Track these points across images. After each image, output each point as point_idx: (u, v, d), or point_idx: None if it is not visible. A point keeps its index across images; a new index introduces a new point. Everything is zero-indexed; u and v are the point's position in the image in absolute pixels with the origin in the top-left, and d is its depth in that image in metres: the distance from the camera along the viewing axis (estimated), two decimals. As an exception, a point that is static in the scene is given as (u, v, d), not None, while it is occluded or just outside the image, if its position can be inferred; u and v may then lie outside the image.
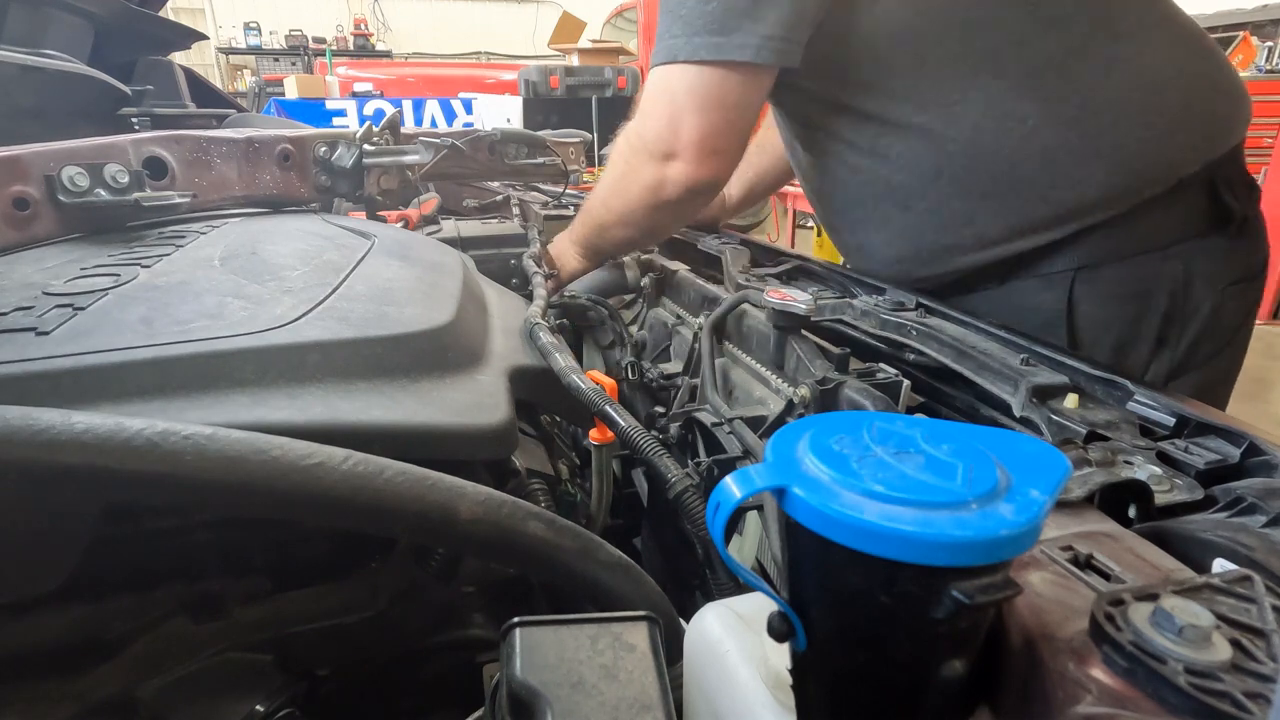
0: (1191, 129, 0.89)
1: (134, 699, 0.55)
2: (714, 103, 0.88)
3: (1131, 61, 0.88)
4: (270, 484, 0.41)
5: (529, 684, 0.35)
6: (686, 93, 0.88)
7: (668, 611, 0.53)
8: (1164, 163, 0.87)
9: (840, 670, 0.33)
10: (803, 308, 0.81)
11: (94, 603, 0.55)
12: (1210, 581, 0.31)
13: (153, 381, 0.52)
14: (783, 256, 1.18)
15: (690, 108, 0.89)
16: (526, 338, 0.87)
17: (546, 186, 1.90)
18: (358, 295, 0.71)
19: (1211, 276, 0.88)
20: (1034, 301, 0.91)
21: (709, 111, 0.89)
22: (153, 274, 0.70)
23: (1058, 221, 0.88)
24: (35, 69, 1.21)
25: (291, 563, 0.64)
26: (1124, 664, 0.27)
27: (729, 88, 0.87)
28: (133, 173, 0.89)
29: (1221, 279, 0.89)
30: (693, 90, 0.88)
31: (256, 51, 10.88)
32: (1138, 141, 0.86)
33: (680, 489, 0.67)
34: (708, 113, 0.89)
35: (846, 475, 0.29)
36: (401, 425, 0.57)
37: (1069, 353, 0.70)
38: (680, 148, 0.91)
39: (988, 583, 0.27)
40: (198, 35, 2.06)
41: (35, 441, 0.36)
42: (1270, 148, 5.08)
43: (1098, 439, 0.56)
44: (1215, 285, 0.89)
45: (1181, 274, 0.87)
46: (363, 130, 1.29)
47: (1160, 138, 0.87)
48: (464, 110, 6.07)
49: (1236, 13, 8.55)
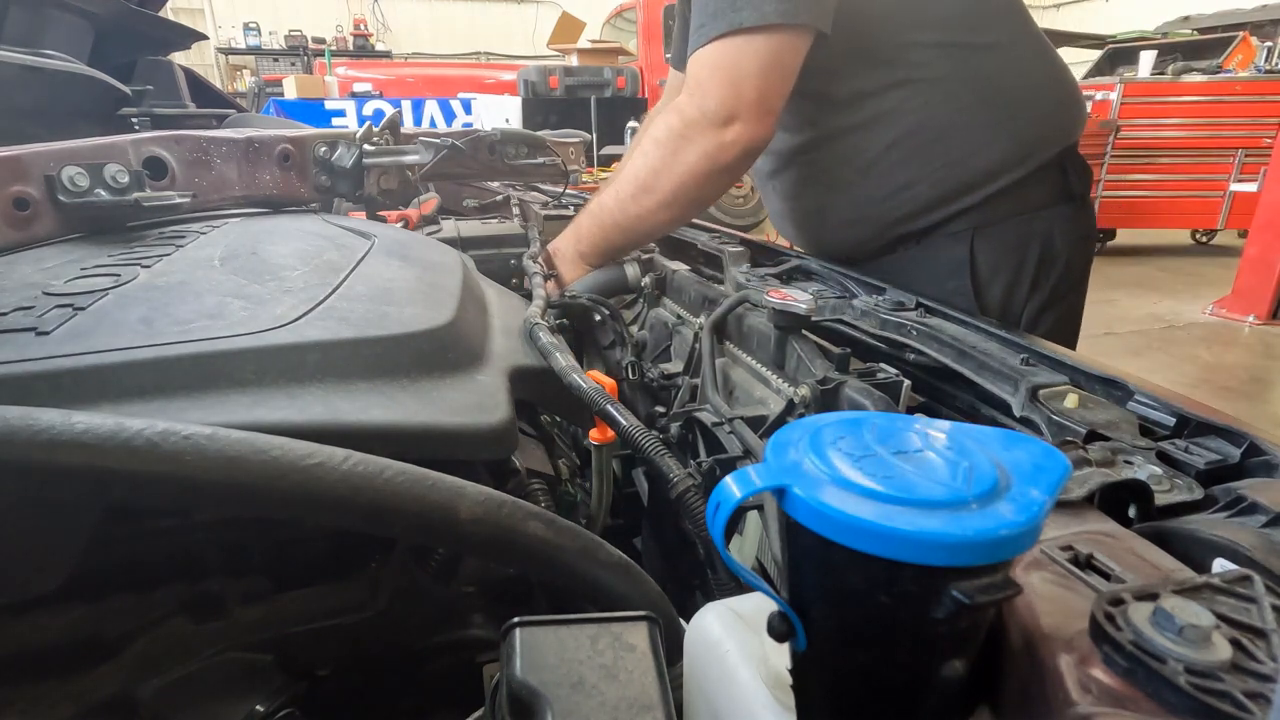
0: (1057, 121, 1.15)
1: (134, 699, 0.55)
2: (774, 64, 0.98)
3: (1022, 62, 1.14)
4: (270, 484, 0.41)
5: (529, 684, 0.35)
6: (752, 56, 0.97)
7: (668, 611, 0.53)
8: (1041, 143, 1.12)
9: (840, 670, 0.33)
10: (803, 308, 0.81)
11: (94, 603, 0.55)
12: (1210, 581, 0.31)
13: (153, 381, 0.52)
14: (783, 256, 1.18)
15: (753, 71, 0.98)
16: (526, 338, 0.87)
17: (546, 186, 1.90)
18: (358, 295, 0.71)
19: (1066, 235, 1.14)
20: (945, 255, 1.14)
21: (769, 73, 0.98)
22: (153, 274, 0.70)
23: (969, 189, 1.11)
24: (35, 69, 1.21)
25: (291, 563, 0.64)
26: (1124, 664, 0.27)
27: (787, 49, 0.98)
28: (133, 173, 0.89)
29: (1072, 236, 1.15)
30: (758, 53, 0.97)
31: (256, 52, 10.88)
32: (1027, 125, 1.11)
33: (682, 488, 0.67)
34: (768, 75, 0.98)
35: (847, 475, 0.29)
36: (401, 425, 0.57)
37: (1069, 353, 0.70)
38: (741, 109, 0.99)
39: (988, 583, 0.27)
40: (197, 35, 2.06)
41: (35, 441, 0.36)
42: (1270, 148, 5.08)
43: (1098, 439, 0.56)
44: (1068, 241, 1.14)
45: (1047, 232, 1.13)
46: (363, 130, 1.29)
47: (1040, 123, 1.13)
48: (463, 110, 6.07)
49: (1236, 13, 8.56)
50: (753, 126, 1.00)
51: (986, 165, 1.09)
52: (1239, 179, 6.25)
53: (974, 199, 1.10)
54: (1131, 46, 7.37)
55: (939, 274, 1.11)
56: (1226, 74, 6.62)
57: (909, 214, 1.14)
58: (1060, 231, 1.13)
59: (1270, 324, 4.85)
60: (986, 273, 1.12)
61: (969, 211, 1.12)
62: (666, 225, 1.16)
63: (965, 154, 1.10)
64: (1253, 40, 6.96)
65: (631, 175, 1.10)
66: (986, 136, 1.09)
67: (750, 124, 1.00)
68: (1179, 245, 7.35)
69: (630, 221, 1.12)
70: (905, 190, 1.13)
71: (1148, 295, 5.72)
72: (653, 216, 1.11)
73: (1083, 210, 1.17)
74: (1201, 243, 7.37)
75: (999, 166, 1.09)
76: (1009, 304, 1.12)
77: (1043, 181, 1.12)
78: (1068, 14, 13.89)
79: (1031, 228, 1.12)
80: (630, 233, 1.16)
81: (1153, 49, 6.93)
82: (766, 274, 1.09)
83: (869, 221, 1.18)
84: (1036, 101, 1.13)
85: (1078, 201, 1.16)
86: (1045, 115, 1.13)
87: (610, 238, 1.17)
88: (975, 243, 1.12)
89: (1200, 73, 6.67)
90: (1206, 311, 5.21)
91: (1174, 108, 6.47)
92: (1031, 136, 1.11)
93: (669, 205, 1.08)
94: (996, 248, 1.12)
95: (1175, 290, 5.86)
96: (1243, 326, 4.93)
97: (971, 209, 1.11)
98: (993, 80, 1.10)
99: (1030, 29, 1.15)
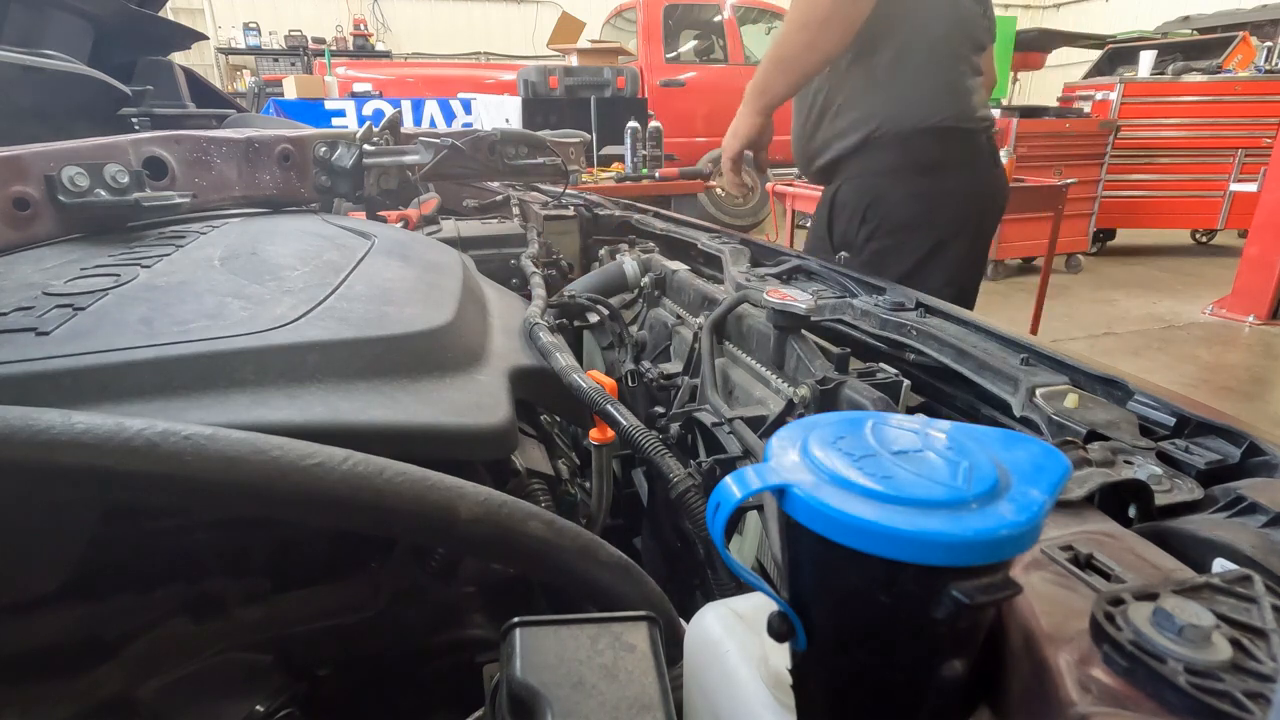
0: (917, 110, 1.48)
1: (134, 699, 0.55)
2: None
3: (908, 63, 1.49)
4: (270, 484, 0.41)
5: (529, 684, 0.35)
6: None
7: (668, 611, 0.53)
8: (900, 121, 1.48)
9: (840, 670, 0.33)
10: (803, 307, 0.81)
11: (94, 603, 0.55)
12: (1210, 581, 0.31)
13: (153, 381, 0.52)
14: (783, 256, 1.18)
15: None
16: (526, 338, 0.87)
17: (546, 186, 1.90)
18: (358, 295, 0.71)
19: (889, 190, 1.50)
20: (827, 199, 1.61)
21: None
22: (153, 274, 0.70)
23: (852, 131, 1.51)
24: (35, 69, 1.21)
25: (291, 563, 0.64)
26: (1124, 664, 0.27)
27: None
28: (133, 173, 0.89)
29: (893, 191, 1.51)
30: None
31: (256, 52, 10.87)
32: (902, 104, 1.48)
33: (683, 488, 0.67)
34: None
35: (847, 475, 0.29)
36: (401, 425, 0.57)
37: (1069, 353, 0.70)
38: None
39: (988, 583, 0.27)
40: (197, 35, 2.06)
41: (35, 442, 0.36)
42: (1270, 148, 5.08)
43: (1098, 439, 0.56)
44: (893, 194, 1.50)
45: (879, 186, 1.50)
46: (363, 130, 1.29)
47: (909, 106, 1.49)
48: (463, 110, 6.06)
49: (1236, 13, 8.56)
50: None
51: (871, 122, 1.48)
52: (1239, 179, 6.24)
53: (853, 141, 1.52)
54: (1131, 46, 7.37)
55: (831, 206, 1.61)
56: (1226, 74, 6.62)
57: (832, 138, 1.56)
58: (887, 186, 1.50)
59: (1270, 324, 4.85)
60: (840, 208, 1.57)
61: (846, 162, 1.54)
62: (808, 52, 1.41)
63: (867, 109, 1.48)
64: (1253, 40, 6.96)
65: (784, 23, 1.44)
66: (879, 100, 1.47)
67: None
68: (1179, 245, 7.35)
69: (779, 51, 1.44)
70: (836, 115, 1.53)
71: (1148, 295, 5.72)
72: (795, 40, 1.40)
73: (928, 176, 1.49)
74: (1201, 243, 7.37)
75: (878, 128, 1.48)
76: (849, 233, 1.56)
77: (885, 150, 1.48)
78: (1068, 14, 13.89)
79: (875, 183, 1.51)
80: (781, 64, 1.45)
81: (1153, 49, 6.93)
82: (766, 274, 1.09)
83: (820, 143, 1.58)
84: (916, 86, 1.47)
85: (922, 165, 1.49)
86: (912, 101, 1.46)
87: (769, 74, 1.47)
88: (842, 186, 1.56)
89: (1200, 73, 6.67)
90: (1206, 311, 5.21)
91: (1174, 108, 6.47)
92: (895, 116, 1.47)
93: (807, 26, 1.37)
94: (851, 191, 1.54)
95: (1175, 290, 5.86)
96: (1243, 326, 4.93)
97: (848, 158, 1.54)
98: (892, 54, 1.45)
99: (920, 41, 1.45)
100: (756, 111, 1.51)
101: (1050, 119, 6.08)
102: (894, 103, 1.44)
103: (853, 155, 1.50)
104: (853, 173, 1.53)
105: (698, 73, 7.47)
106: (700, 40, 7.96)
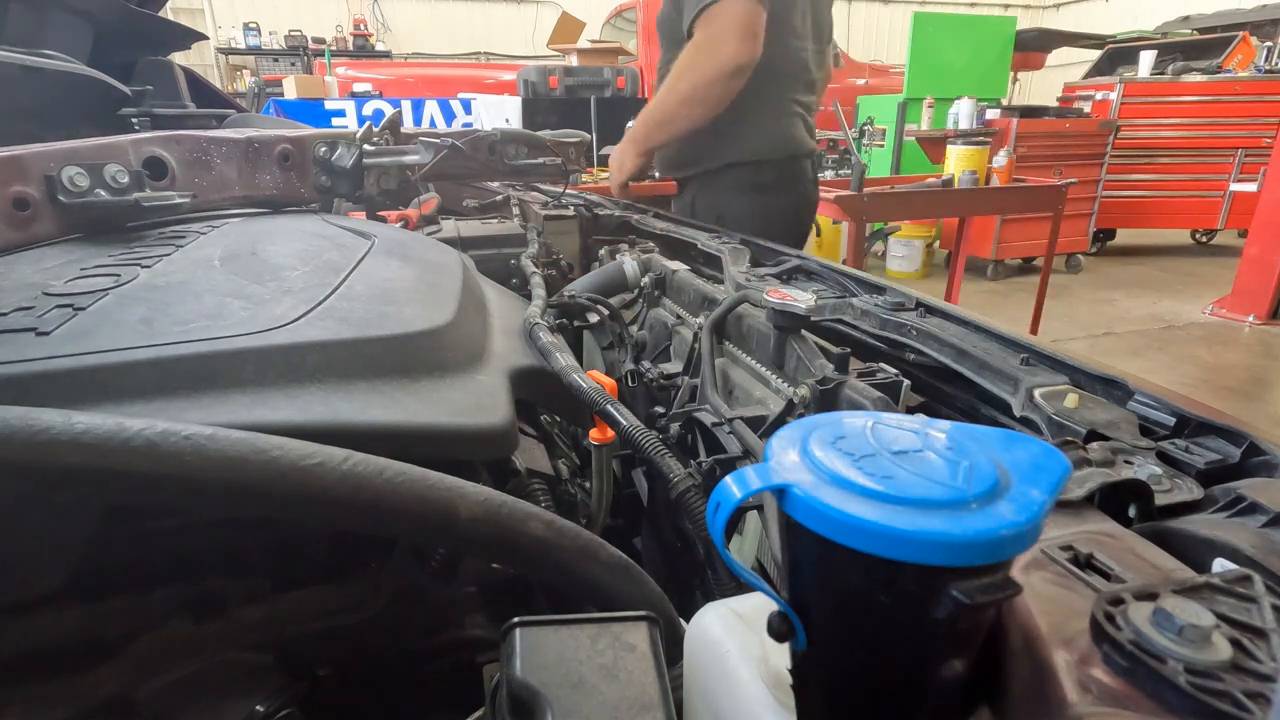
0: (751, 145, 1.95)
1: (134, 699, 0.55)
2: (753, 17, 1.68)
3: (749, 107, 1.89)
4: (270, 484, 0.41)
5: (529, 684, 0.35)
6: (740, 11, 1.67)
7: (668, 611, 0.53)
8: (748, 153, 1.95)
9: (840, 670, 0.33)
10: (803, 307, 0.81)
11: (94, 603, 0.55)
12: (1210, 581, 0.31)
13: (153, 382, 0.52)
14: (783, 256, 1.18)
15: (741, 19, 1.68)
16: (526, 338, 0.87)
17: (546, 186, 1.90)
18: (357, 295, 0.71)
19: (734, 204, 1.95)
20: (688, 201, 2.05)
21: (752, 21, 1.68)
22: (153, 274, 0.70)
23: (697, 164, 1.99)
24: (35, 69, 1.21)
25: (291, 563, 0.64)
26: (1124, 664, 0.27)
27: (755, 12, 1.68)
28: (133, 173, 0.89)
29: (737, 205, 1.95)
30: (744, 9, 1.67)
31: (256, 52, 10.86)
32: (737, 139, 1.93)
33: (683, 488, 0.67)
34: (752, 22, 1.68)
35: (847, 475, 0.29)
36: (401, 425, 0.57)
37: (1069, 353, 0.70)
38: (738, 37, 1.68)
39: (988, 582, 0.27)
40: (197, 35, 2.06)
41: (35, 442, 0.36)
42: (1270, 148, 5.08)
43: (1098, 439, 0.56)
44: (737, 207, 1.94)
45: (727, 200, 1.95)
46: (363, 130, 1.29)
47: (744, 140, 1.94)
48: (463, 110, 6.06)
49: (1236, 12, 8.56)
50: (749, 46, 1.68)
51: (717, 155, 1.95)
52: (1239, 179, 6.25)
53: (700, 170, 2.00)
54: (1131, 46, 7.37)
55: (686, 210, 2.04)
56: (1226, 74, 6.62)
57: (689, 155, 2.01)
58: (732, 199, 1.96)
59: (1270, 324, 4.85)
60: (699, 212, 1.99)
61: (696, 180, 2.02)
62: (686, 120, 1.81)
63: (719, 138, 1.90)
64: (1253, 40, 6.96)
65: (663, 86, 1.81)
66: (723, 139, 1.91)
67: (746, 45, 1.68)
68: (1179, 245, 7.35)
69: (661, 115, 1.83)
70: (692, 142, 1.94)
71: (1148, 295, 5.72)
72: (676, 110, 1.80)
73: (764, 194, 1.97)
74: (1201, 243, 7.37)
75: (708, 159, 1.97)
76: (696, 212, 2.01)
77: (731, 175, 1.95)
78: (1068, 14, 13.89)
79: (722, 196, 1.96)
80: (662, 125, 1.85)
81: (1153, 49, 6.93)
82: (766, 274, 1.09)
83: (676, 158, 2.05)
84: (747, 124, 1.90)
85: (759, 186, 1.97)
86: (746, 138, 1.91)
87: (650, 132, 1.88)
88: (698, 196, 2.03)
89: (1200, 73, 6.67)
90: (1206, 311, 5.21)
91: (1174, 108, 6.47)
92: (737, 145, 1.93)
93: (688, 102, 1.77)
94: (708, 198, 2.00)
95: (1175, 290, 5.86)
96: (1243, 326, 4.93)
97: (699, 177, 2.01)
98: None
99: (758, 91, 1.80)
100: (640, 154, 1.95)
101: (1050, 119, 6.08)
102: (739, 140, 1.91)
103: (706, 176, 1.99)
104: (706, 188, 2.01)
105: (698, 73, 7.46)
106: (700, 40, 7.94)
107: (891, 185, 4.13)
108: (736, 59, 1.68)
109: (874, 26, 13.56)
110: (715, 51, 1.69)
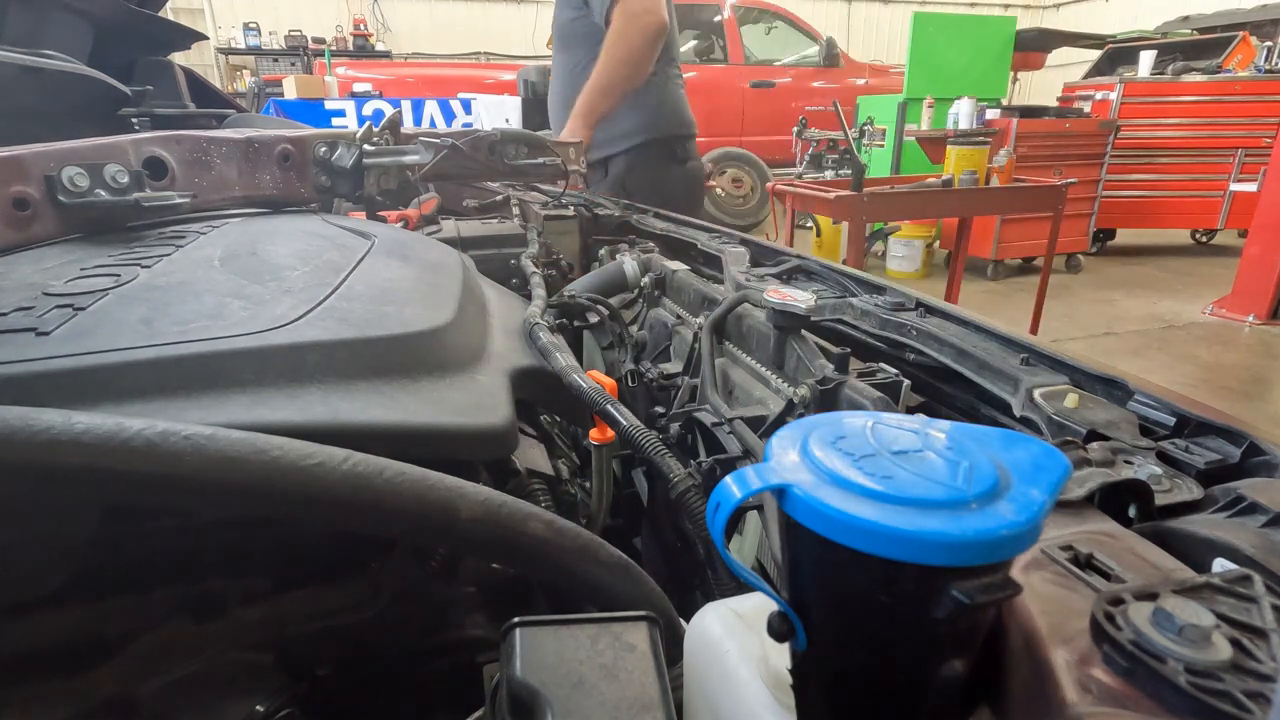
0: (663, 124, 2.39)
1: (134, 699, 0.55)
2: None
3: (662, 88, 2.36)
4: (270, 484, 0.41)
5: (529, 684, 0.35)
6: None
7: (668, 611, 0.53)
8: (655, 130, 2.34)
9: (840, 670, 0.33)
10: (803, 307, 0.81)
11: (94, 603, 0.55)
12: (1210, 581, 0.31)
13: (153, 382, 0.52)
14: (783, 256, 1.18)
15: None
16: (526, 338, 0.87)
17: (546, 186, 1.90)
18: (358, 295, 0.71)
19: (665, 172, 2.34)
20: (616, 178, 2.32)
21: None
22: (153, 274, 0.70)
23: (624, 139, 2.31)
24: (35, 69, 1.21)
25: (291, 563, 0.64)
26: (1124, 664, 0.27)
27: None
28: (133, 173, 0.89)
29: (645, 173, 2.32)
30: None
31: (256, 52, 10.85)
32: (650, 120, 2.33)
33: (683, 488, 0.67)
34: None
35: (847, 475, 0.29)
36: (401, 425, 0.57)
37: (1069, 353, 0.70)
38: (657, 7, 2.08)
39: (988, 582, 0.27)
40: (197, 35, 2.06)
41: (35, 442, 0.36)
42: (1270, 147, 5.08)
43: (1098, 439, 0.56)
44: (647, 175, 2.31)
45: (653, 171, 2.33)
46: (363, 130, 1.29)
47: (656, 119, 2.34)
48: (463, 110, 6.06)
49: (1236, 12, 8.56)
50: (662, 11, 2.07)
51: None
52: (1239, 179, 6.24)
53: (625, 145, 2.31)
54: (1131, 46, 7.36)
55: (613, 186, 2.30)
56: (1226, 74, 6.61)
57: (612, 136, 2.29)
58: (644, 171, 2.32)
59: (1270, 324, 4.85)
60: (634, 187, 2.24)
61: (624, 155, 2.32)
62: (625, 82, 2.11)
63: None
64: (1252, 40, 6.95)
65: (600, 59, 2.09)
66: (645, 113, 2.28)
67: (661, 8, 2.07)
68: (1179, 245, 7.34)
69: (605, 82, 2.08)
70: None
71: (1148, 295, 5.72)
72: (616, 73, 2.09)
73: (679, 164, 2.40)
74: (1201, 243, 7.37)
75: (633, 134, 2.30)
76: (621, 186, 2.27)
77: (652, 148, 2.31)
78: (1068, 14, 13.89)
79: (640, 170, 2.31)
80: (606, 91, 2.10)
81: (1152, 49, 6.92)
82: (766, 274, 1.09)
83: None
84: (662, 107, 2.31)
85: (683, 157, 2.41)
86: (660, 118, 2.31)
87: (594, 101, 2.11)
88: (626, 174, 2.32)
89: (1200, 73, 6.66)
90: (1206, 311, 5.21)
91: (1174, 108, 6.47)
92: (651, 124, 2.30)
93: (625, 64, 2.09)
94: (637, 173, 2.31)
95: (1175, 290, 5.85)
96: (1243, 326, 4.93)
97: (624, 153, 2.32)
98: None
99: (667, 71, 2.29)
100: (587, 126, 2.16)
101: (1050, 119, 6.08)
102: (661, 115, 2.30)
103: (627, 150, 2.30)
104: (637, 164, 2.32)
105: (698, 73, 7.47)
106: (700, 40, 7.95)
107: (891, 185, 4.13)
108: (659, 20, 2.05)
109: (874, 26, 13.56)
110: (639, 17, 2.05)
